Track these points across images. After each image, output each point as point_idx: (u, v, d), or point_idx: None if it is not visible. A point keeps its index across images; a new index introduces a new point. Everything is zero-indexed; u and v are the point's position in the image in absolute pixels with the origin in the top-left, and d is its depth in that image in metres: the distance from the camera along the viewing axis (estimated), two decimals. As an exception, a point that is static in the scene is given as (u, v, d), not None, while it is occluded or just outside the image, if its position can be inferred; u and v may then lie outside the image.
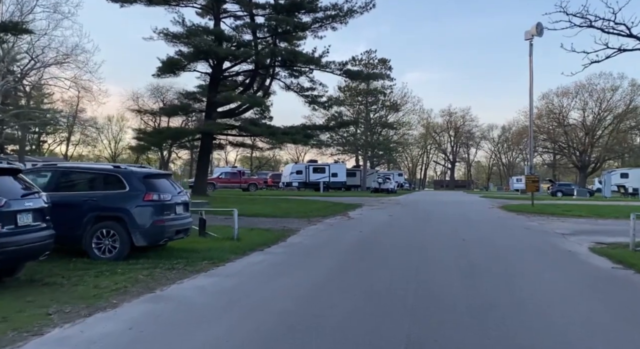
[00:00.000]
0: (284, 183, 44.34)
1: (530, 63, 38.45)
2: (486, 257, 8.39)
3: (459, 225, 13.88)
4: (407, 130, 72.92)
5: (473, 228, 12.95)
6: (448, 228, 12.58)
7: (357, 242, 10.05)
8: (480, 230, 12.44)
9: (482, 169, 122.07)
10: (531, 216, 17.71)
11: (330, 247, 9.39)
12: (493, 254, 8.72)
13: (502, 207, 23.03)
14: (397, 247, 9.26)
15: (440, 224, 14.14)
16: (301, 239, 10.39)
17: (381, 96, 51.47)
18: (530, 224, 14.79)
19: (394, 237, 10.89)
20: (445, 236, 11.23)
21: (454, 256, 8.40)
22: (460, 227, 12.95)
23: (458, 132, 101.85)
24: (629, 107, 53.53)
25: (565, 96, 57.44)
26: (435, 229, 12.56)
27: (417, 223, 14.05)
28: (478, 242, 10.26)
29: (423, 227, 12.59)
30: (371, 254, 8.72)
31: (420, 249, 9.12)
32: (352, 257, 8.33)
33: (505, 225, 14.30)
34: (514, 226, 13.96)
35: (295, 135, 23.31)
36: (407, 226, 13.21)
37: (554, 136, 59.11)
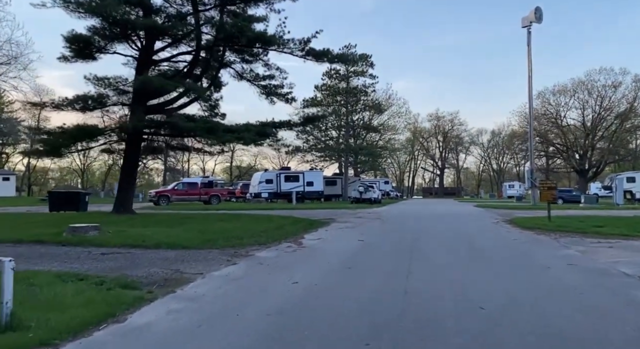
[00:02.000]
0: (252, 194, 39.05)
1: (529, 52, 33.82)
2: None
3: (464, 262, 8.78)
4: (393, 134, 68.26)
5: (489, 270, 7.83)
6: (448, 272, 7.46)
7: (263, 332, 4.87)
8: (501, 274, 7.33)
9: (471, 175, 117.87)
10: (558, 237, 12.67)
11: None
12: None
13: (510, 222, 18.01)
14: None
15: (434, 260, 9.02)
16: (154, 316, 5.07)
17: (362, 95, 46.55)
18: (568, 254, 9.73)
19: (347, 305, 5.66)
20: (444, 295, 6.00)
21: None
22: (467, 268, 7.84)
23: (446, 137, 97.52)
24: (633, 105, 49.18)
25: (563, 94, 53.02)
26: (427, 273, 7.42)
27: (398, 259, 8.94)
28: (510, 313, 5.11)
29: (406, 270, 7.48)
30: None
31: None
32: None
33: (534, 258, 9.23)
34: (548, 259, 8.90)
35: (243, 133, 18.11)
36: (380, 266, 8.06)
37: (551, 137, 54.58)
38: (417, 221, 19.62)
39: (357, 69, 46.08)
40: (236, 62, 20.31)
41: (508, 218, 20.43)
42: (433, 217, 21.79)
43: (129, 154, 18.70)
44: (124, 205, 18.36)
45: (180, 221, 16.76)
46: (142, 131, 18.46)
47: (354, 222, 18.53)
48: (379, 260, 8.83)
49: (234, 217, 19.29)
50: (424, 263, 8.61)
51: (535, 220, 17.91)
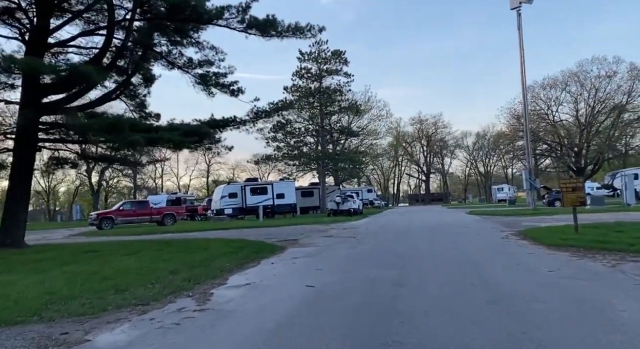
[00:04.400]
0: (213, 211, 34.29)
1: (520, 37, 29.92)
2: None
3: (498, 338, 4.37)
4: (374, 139, 64.21)
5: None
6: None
7: None
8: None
9: (457, 179, 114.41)
10: (615, 264, 8.34)
11: None
12: None
13: (524, 236, 13.68)
14: None
15: (438, 339, 4.60)
16: None
17: (337, 95, 42.22)
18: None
19: None
20: None
21: None
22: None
23: (430, 141, 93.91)
24: (630, 96, 45.66)
25: (553, 88, 49.35)
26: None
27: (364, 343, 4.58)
28: None
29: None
30: None
31: None
32: None
33: (619, 318, 4.85)
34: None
35: (162, 133, 13.52)
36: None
37: (542, 135, 50.80)
38: (402, 239, 15.18)
39: (330, 67, 41.88)
40: (161, 43, 15.79)
41: (516, 229, 16.14)
42: (423, 233, 17.38)
43: (18, 165, 13.98)
44: (11, 235, 13.61)
45: (76, 257, 12.10)
46: (33, 134, 13.79)
47: (319, 245, 14.03)
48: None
49: (163, 244, 14.68)
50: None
51: (556, 232, 13.63)
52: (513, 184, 79.57)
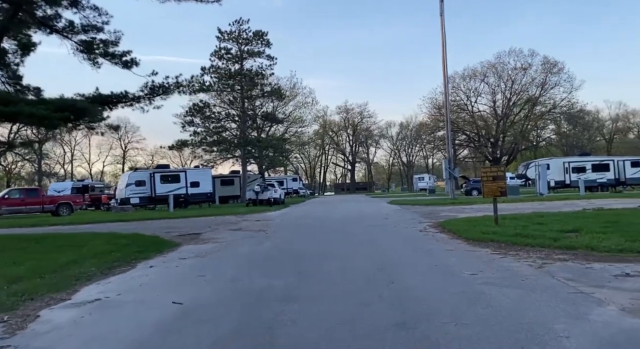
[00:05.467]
0: (117, 200, 31.20)
1: (442, 24, 29.52)
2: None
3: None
4: (300, 126, 62.80)
5: None
6: None
7: None
8: None
9: (382, 169, 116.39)
10: (541, 264, 7.42)
11: None
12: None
13: (443, 229, 12.75)
14: None
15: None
16: None
17: (259, 78, 40.08)
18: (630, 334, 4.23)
19: None
20: None
21: None
22: None
23: (356, 130, 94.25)
24: (543, 89, 47.54)
25: (473, 79, 50.39)
26: None
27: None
28: None
29: None
30: None
31: None
32: None
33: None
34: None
35: (23, 107, 11.02)
36: None
37: (461, 125, 51.90)
38: (315, 233, 13.79)
39: (251, 48, 39.59)
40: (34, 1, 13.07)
41: (435, 221, 15.32)
42: (339, 225, 16.13)
43: None
44: None
45: None
46: None
47: (221, 241, 12.27)
48: None
49: (32, 241, 12.22)
50: None
51: (476, 224, 12.88)
52: (433, 173, 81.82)
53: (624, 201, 21.47)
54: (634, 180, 39.09)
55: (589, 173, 39.12)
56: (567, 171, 39.87)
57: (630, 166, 39.54)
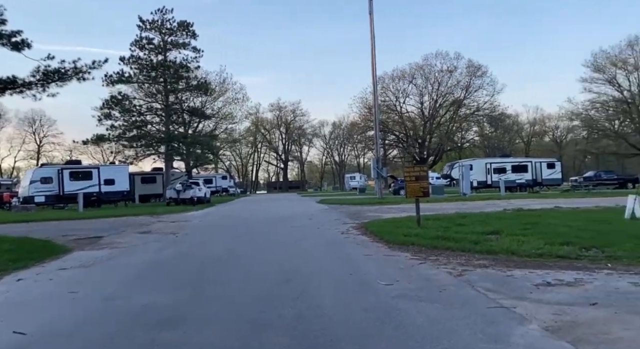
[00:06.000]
0: (20, 199, 28.28)
1: (371, 22, 29.34)
2: None
3: None
4: (230, 123, 60.99)
5: None
6: None
7: None
8: None
9: (315, 168, 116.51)
10: (461, 271, 6.95)
11: None
12: None
13: (365, 230, 12.18)
14: None
15: None
16: None
17: (184, 71, 38.05)
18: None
19: None
20: None
21: None
22: None
23: (289, 128, 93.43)
24: (467, 91, 49.14)
25: (402, 80, 51.14)
26: None
27: None
28: None
29: None
30: None
31: None
32: None
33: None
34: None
35: None
36: None
37: (391, 126, 52.58)
38: (231, 236, 12.75)
39: (176, 39, 37.53)
40: None
41: (360, 221, 14.79)
42: (260, 226, 15.18)
43: None
44: None
45: None
46: None
47: (121, 246, 10.93)
48: None
49: None
50: None
51: (399, 225, 12.44)
52: (365, 173, 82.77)
53: (541, 201, 22.21)
54: (549, 181, 41.24)
55: (509, 174, 40.79)
56: (489, 172, 41.35)
57: (547, 167, 41.70)
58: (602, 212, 14.39)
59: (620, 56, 45.31)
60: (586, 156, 74.08)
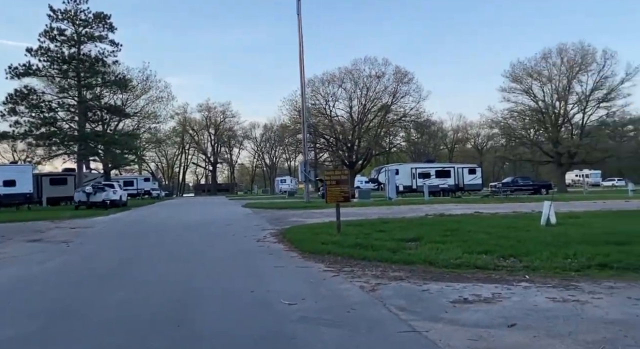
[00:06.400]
0: None
1: (299, 23, 28.73)
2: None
3: None
4: (154, 123, 58.09)
5: None
6: None
7: None
8: None
9: (246, 171, 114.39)
10: (375, 285, 6.34)
11: None
12: None
13: (283, 238, 11.38)
14: None
15: None
16: None
17: (100, 66, 35.39)
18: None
19: None
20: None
21: None
22: None
23: (219, 129, 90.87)
24: (395, 97, 49.95)
25: (331, 84, 51.07)
26: None
27: None
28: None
29: None
30: None
31: None
32: None
33: None
34: None
35: None
36: None
37: (321, 129, 52.40)
38: (132, 245, 11.45)
39: (91, 31, 34.83)
40: None
41: (280, 227, 13.99)
42: (171, 233, 13.93)
43: None
44: None
45: None
46: None
47: (2, 255, 9.37)
48: None
49: None
50: None
51: (318, 231, 11.80)
52: (295, 176, 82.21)
53: (462, 207, 22.57)
54: (470, 186, 42.73)
55: (433, 179, 41.77)
56: (414, 177, 42.13)
57: (468, 173, 43.19)
58: (519, 218, 14.58)
59: (535, 68, 48.12)
60: (505, 163, 78.29)
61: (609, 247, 7.87)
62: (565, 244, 8.34)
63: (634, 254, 7.10)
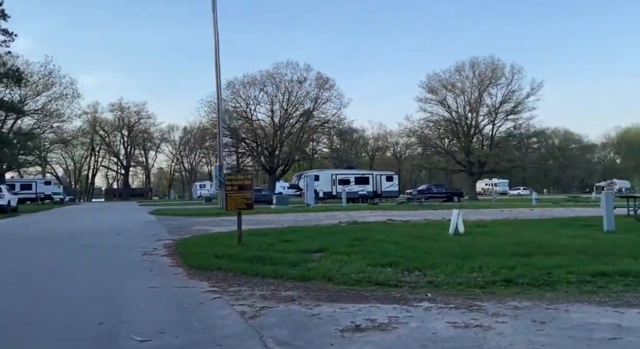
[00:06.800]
0: None
1: (215, 20, 27.41)
2: None
3: None
4: (58, 121, 53.56)
5: None
6: None
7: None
8: None
9: (165, 175, 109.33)
10: (260, 301, 5.38)
11: None
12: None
13: (174, 250, 10.13)
14: None
15: None
16: None
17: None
18: None
19: None
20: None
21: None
22: None
23: (132, 131, 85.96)
24: (317, 103, 49.70)
25: (253, 87, 49.80)
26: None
27: None
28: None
29: None
30: None
31: None
32: None
33: None
34: None
35: None
36: None
37: (243, 133, 50.88)
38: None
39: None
40: None
41: (178, 238, 12.67)
42: (38, 247, 12.11)
43: None
44: None
45: None
46: None
47: None
48: None
49: None
50: None
51: (218, 242, 10.72)
52: (215, 181, 79.52)
53: (377, 214, 22.38)
54: (388, 193, 43.34)
55: (352, 185, 41.89)
56: (335, 183, 42.02)
57: (386, 180, 43.81)
58: (429, 226, 14.37)
59: (450, 80, 50.09)
60: (421, 171, 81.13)
61: (515, 259, 7.55)
62: (471, 256, 7.94)
63: (538, 267, 6.77)
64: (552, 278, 6.17)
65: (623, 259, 7.39)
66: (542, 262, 7.23)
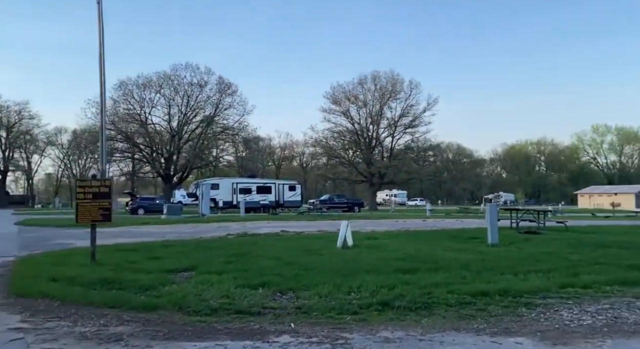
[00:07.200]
0: None
1: (100, 12, 24.99)
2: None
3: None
4: None
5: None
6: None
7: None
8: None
9: (51, 181, 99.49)
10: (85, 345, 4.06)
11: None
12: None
13: (9, 269, 8.31)
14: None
15: None
16: None
17: None
18: None
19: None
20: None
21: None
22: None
23: (12, 132, 77.08)
24: (218, 108, 47.66)
25: (148, 88, 46.58)
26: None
27: None
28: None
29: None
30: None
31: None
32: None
33: None
34: None
35: None
36: None
37: (136, 137, 47.36)
38: None
39: None
40: None
41: (26, 254, 10.67)
42: None
43: None
44: None
45: None
46: None
47: None
48: None
49: None
50: None
51: (69, 260, 9.05)
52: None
53: (273, 224, 21.39)
54: (290, 203, 42.52)
55: (254, 194, 40.52)
56: (236, 192, 40.39)
57: (289, 189, 43.01)
58: (322, 238, 13.69)
59: (353, 92, 50.82)
60: (326, 181, 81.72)
61: (397, 276, 6.95)
62: (353, 273, 7.23)
63: (419, 286, 6.18)
64: (431, 299, 5.58)
65: (504, 275, 7.09)
66: (425, 279, 6.68)
